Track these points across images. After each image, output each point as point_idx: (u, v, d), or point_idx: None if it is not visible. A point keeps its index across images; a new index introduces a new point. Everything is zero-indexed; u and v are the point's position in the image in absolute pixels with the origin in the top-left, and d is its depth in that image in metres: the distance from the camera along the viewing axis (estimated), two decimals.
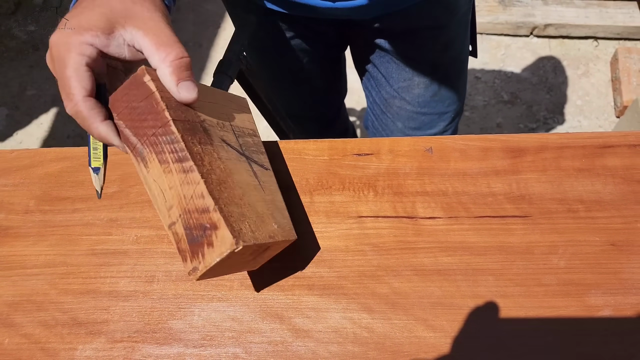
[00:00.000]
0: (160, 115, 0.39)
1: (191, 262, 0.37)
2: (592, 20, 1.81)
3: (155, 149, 0.39)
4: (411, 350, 0.42)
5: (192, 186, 0.38)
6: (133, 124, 0.40)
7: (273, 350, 0.43)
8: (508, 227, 0.47)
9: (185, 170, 0.38)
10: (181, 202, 0.38)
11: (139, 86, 0.40)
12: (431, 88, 0.83)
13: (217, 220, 0.37)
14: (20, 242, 0.49)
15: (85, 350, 0.43)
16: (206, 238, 0.37)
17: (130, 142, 0.40)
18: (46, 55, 0.41)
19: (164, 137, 0.39)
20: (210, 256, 0.37)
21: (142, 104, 0.40)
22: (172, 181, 0.39)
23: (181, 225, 0.38)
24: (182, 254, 0.38)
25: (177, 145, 0.39)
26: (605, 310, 0.43)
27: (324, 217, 0.48)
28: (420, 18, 0.72)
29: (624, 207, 0.48)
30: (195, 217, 0.38)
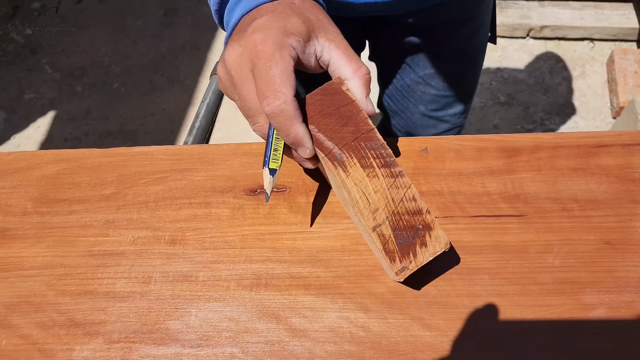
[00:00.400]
0: (363, 122, 0.42)
1: (400, 262, 0.40)
2: (588, 22, 1.82)
3: (357, 154, 0.41)
4: (407, 349, 0.42)
5: (402, 190, 0.41)
6: (327, 128, 0.42)
7: (270, 350, 0.43)
8: (503, 226, 0.47)
9: (394, 175, 0.41)
10: (389, 204, 0.41)
11: (335, 94, 0.42)
12: (456, 73, 0.85)
13: (431, 221, 0.40)
14: (17, 244, 0.49)
15: (82, 351, 0.43)
16: (419, 238, 0.40)
17: (324, 147, 0.42)
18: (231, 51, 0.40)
19: (368, 143, 0.41)
20: (423, 255, 0.40)
21: (341, 111, 0.42)
22: (379, 185, 0.41)
23: (389, 227, 0.40)
24: (389, 254, 0.40)
25: (383, 151, 0.41)
26: (600, 309, 0.43)
27: (321, 218, 0.49)
28: (450, 11, 0.73)
29: (618, 206, 0.48)
30: (406, 219, 0.40)
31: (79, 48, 1.99)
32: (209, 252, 0.47)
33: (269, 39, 0.39)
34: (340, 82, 0.42)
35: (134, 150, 0.54)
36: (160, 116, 1.82)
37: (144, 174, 0.52)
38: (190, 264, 0.47)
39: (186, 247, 0.48)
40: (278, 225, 0.48)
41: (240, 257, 0.47)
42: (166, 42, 2.00)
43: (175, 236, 0.48)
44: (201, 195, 0.50)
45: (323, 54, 0.42)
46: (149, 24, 2.05)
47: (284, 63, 0.38)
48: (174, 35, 2.02)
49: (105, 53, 1.97)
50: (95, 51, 1.98)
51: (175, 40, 2.00)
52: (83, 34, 2.02)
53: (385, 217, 0.40)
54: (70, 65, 1.94)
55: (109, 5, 2.09)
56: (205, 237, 0.48)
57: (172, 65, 1.93)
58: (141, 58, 1.96)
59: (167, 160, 0.53)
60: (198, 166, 0.52)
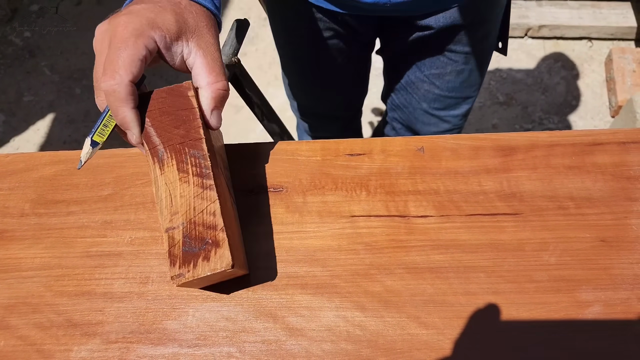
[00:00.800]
0: (195, 130, 0.43)
1: (179, 268, 0.40)
2: (585, 21, 1.82)
3: (178, 157, 0.42)
4: (404, 348, 0.42)
5: (206, 202, 0.41)
6: (160, 126, 0.43)
7: (267, 350, 0.43)
8: (499, 224, 0.47)
9: (204, 186, 0.41)
10: (189, 212, 0.41)
11: (180, 96, 0.44)
12: (462, 75, 0.86)
13: (222, 240, 0.40)
14: (15, 245, 0.49)
15: (80, 352, 0.44)
16: (204, 252, 0.40)
17: (151, 141, 0.43)
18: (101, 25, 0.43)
19: (192, 150, 0.42)
20: (202, 269, 0.39)
21: (179, 114, 0.43)
22: (186, 191, 0.41)
23: (181, 233, 0.40)
24: (171, 258, 0.40)
25: (203, 161, 0.42)
26: (595, 306, 0.43)
27: (317, 217, 0.49)
28: (466, 14, 0.74)
29: (614, 203, 0.48)
30: (199, 230, 0.40)
31: (77, 50, 1.99)
32: None
33: (131, 24, 0.40)
34: (188, 87, 0.44)
35: (131, 151, 0.54)
36: None
37: (141, 174, 0.52)
38: None
39: None
40: (275, 224, 0.49)
41: None
42: None
43: None
44: None
45: (189, 57, 0.43)
46: None
47: (134, 49, 0.40)
48: None
49: None
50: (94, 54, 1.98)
51: None
52: (82, 36, 2.02)
53: (181, 222, 0.41)
54: (69, 68, 1.94)
55: (108, 8, 2.09)
56: None
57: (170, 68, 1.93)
58: None
59: None
60: None
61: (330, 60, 0.86)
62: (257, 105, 0.77)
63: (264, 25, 2.04)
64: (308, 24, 0.79)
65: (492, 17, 0.79)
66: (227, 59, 0.68)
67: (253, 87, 0.77)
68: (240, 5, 2.11)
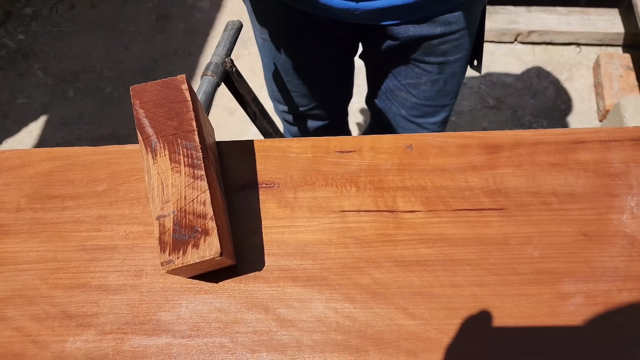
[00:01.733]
0: (188, 122, 0.45)
1: (169, 254, 0.41)
2: (574, 27, 1.85)
3: (170, 148, 0.44)
4: (392, 338, 0.44)
5: (197, 192, 0.42)
6: (154, 117, 0.45)
7: (259, 340, 0.44)
8: (485, 219, 0.49)
9: (195, 176, 0.43)
10: (180, 201, 0.42)
11: (174, 89, 0.46)
12: (437, 85, 0.87)
13: (211, 228, 0.41)
14: (11, 239, 0.50)
15: (75, 342, 0.44)
16: (194, 240, 0.41)
17: (144, 132, 0.45)
18: None
19: (184, 141, 0.44)
20: (192, 256, 0.41)
21: (172, 106, 0.45)
22: (178, 180, 0.43)
23: (171, 220, 0.42)
24: (162, 244, 0.41)
25: (194, 152, 0.44)
26: (577, 297, 0.45)
27: (308, 212, 0.50)
28: (434, 26, 0.75)
29: (596, 199, 0.50)
30: (190, 219, 0.42)
31: (71, 53, 1.99)
32: None
33: None
34: (182, 81, 0.46)
35: (125, 148, 0.55)
36: None
37: (135, 170, 0.53)
38: None
39: None
40: (266, 219, 0.50)
41: None
42: (158, 47, 2.01)
43: None
44: None
45: None
46: (141, 30, 2.06)
47: None
48: (166, 40, 2.03)
49: (97, 58, 1.98)
50: (87, 56, 1.99)
51: (168, 45, 2.01)
52: (75, 39, 2.03)
53: (172, 210, 0.42)
54: (62, 70, 1.94)
55: (102, 11, 2.10)
56: None
57: (165, 70, 1.94)
58: (133, 63, 1.97)
59: None
60: None
61: (310, 62, 0.88)
62: (250, 105, 0.78)
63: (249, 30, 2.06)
64: (285, 25, 0.80)
65: (464, 28, 0.80)
66: (220, 59, 0.70)
67: (246, 87, 0.78)
68: (234, 9, 2.12)
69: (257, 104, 0.81)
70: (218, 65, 0.68)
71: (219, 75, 0.68)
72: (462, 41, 0.81)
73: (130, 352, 0.44)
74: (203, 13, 2.11)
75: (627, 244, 0.47)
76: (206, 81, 0.67)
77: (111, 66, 1.96)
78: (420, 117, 0.94)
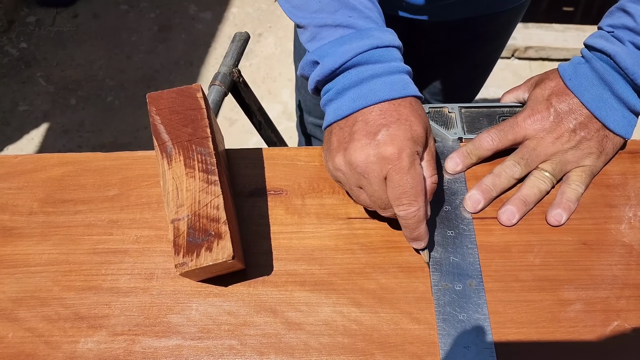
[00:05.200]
0: (202, 129, 0.46)
1: (183, 257, 0.42)
2: (570, 43, 1.88)
3: (185, 153, 0.45)
4: (397, 342, 0.45)
5: (210, 197, 0.44)
6: (170, 124, 0.46)
7: (267, 342, 0.45)
8: (488, 227, 0.50)
9: (208, 181, 0.44)
10: (194, 205, 0.43)
11: (189, 97, 0.47)
12: (467, 79, 0.93)
13: (224, 232, 0.42)
14: (24, 242, 0.51)
15: (87, 343, 0.45)
16: (207, 243, 0.42)
17: (160, 138, 0.46)
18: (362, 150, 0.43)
19: (199, 147, 0.45)
20: (205, 258, 0.42)
21: (187, 113, 0.47)
22: (192, 185, 0.44)
23: (185, 224, 0.43)
24: (176, 247, 0.42)
25: (208, 158, 0.45)
26: (577, 304, 0.46)
27: (315, 219, 0.51)
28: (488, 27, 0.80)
29: (595, 209, 0.51)
30: (203, 223, 0.43)
31: (73, 62, 2.01)
32: None
33: (404, 151, 0.42)
34: (197, 89, 0.48)
35: (136, 154, 0.56)
36: None
37: (146, 176, 0.54)
38: None
39: None
40: (275, 225, 0.51)
41: None
42: (160, 57, 2.03)
43: None
44: None
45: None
46: (144, 40, 2.08)
47: (416, 173, 0.43)
48: (168, 50, 2.05)
49: (99, 67, 2.00)
50: (89, 65, 2.00)
51: (169, 55, 2.03)
52: (78, 48, 2.05)
53: (186, 214, 0.43)
54: (64, 79, 1.96)
55: (104, 21, 2.13)
56: None
57: (166, 80, 1.96)
58: (135, 72, 1.98)
59: None
60: None
61: None
62: (256, 115, 0.80)
63: (258, 41, 2.09)
64: None
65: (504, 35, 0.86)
66: (227, 70, 0.71)
67: (252, 97, 0.80)
68: (235, 21, 2.15)
69: (263, 113, 0.83)
70: (226, 75, 0.70)
71: (227, 85, 0.70)
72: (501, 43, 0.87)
73: (141, 353, 0.45)
74: (205, 24, 2.13)
75: (625, 253, 0.49)
76: (214, 90, 0.69)
77: (113, 75, 1.98)
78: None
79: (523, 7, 0.81)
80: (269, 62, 2.02)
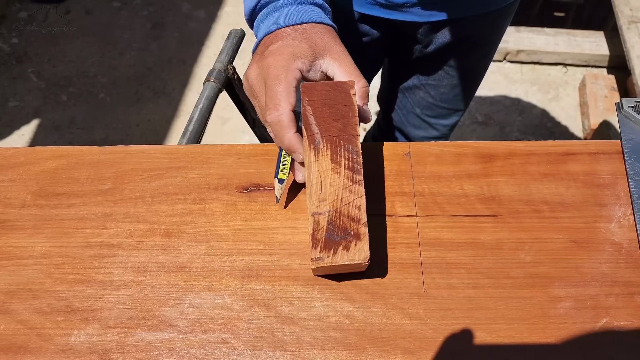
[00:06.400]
0: (352, 126, 0.46)
1: (320, 252, 0.42)
2: (561, 48, 1.90)
3: (332, 148, 0.45)
4: (389, 336, 0.45)
5: (353, 196, 0.44)
6: (321, 116, 0.47)
7: (260, 336, 0.45)
8: (479, 225, 0.51)
9: (353, 180, 0.44)
10: (336, 201, 0.44)
11: (342, 92, 0.47)
12: (457, 89, 0.91)
13: (363, 234, 0.43)
14: (16, 234, 0.51)
15: (79, 336, 0.45)
16: (345, 241, 0.42)
17: (310, 129, 0.46)
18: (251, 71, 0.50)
19: (347, 144, 0.45)
20: (341, 257, 0.42)
21: (339, 108, 0.47)
22: (336, 181, 0.44)
23: (326, 219, 0.43)
24: (314, 241, 0.43)
25: (355, 157, 0.45)
26: (567, 301, 0.47)
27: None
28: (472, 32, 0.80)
29: (585, 208, 0.52)
30: (343, 221, 0.43)
31: (65, 58, 2.00)
32: (202, 244, 0.50)
33: (278, 62, 0.48)
34: (351, 85, 0.48)
35: (131, 149, 0.56)
36: (145, 127, 1.83)
37: (140, 170, 0.54)
38: (184, 255, 0.49)
39: (181, 240, 0.50)
40: (269, 220, 0.51)
41: (232, 250, 0.49)
42: (153, 55, 2.02)
43: (171, 229, 0.51)
44: (196, 192, 0.53)
45: (328, 70, 0.51)
46: (136, 37, 2.07)
47: (287, 82, 0.47)
48: (161, 48, 2.04)
49: (91, 64, 1.99)
50: (81, 61, 1.99)
51: (162, 53, 2.03)
52: (70, 45, 2.03)
53: (328, 209, 0.44)
54: (56, 75, 1.95)
55: (97, 18, 2.11)
56: (199, 230, 0.51)
57: (158, 78, 1.95)
58: (127, 70, 1.98)
59: (163, 159, 0.55)
60: (193, 164, 0.55)
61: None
62: (249, 112, 0.80)
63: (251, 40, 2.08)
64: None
65: (494, 39, 0.85)
66: (222, 66, 0.71)
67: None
68: (229, 20, 2.15)
69: None
70: (220, 72, 0.70)
71: (221, 81, 0.70)
72: (490, 49, 0.86)
73: (133, 346, 0.45)
74: (198, 23, 2.13)
75: (614, 251, 0.49)
76: (209, 87, 0.69)
77: (105, 72, 1.96)
78: (434, 117, 0.97)
79: (510, 10, 0.82)
80: None
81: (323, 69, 0.50)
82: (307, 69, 0.49)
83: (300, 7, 0.52)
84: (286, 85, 0.47)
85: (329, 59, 0.50)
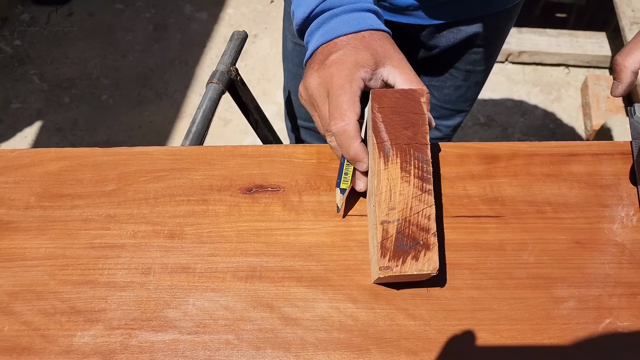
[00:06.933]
0: (422, 135, 0.46)
1: (389, 260, 0.42)
2: (563, 49, 1.90)
3: (402, 157, 0.45)
4: (393, 337, 0.45)
5: (423, 205, 0.43)
6: (391, 123, 0.46)
7: (263, 337, 0.45)
8: (482, 226, 0.51)
9: (422, 189, 0.44)
10: (405, 210, 0.43)
11: (412, 100, 0.47)
12: (459, 91, 0.92)
13: (433, 244, 0.42)
14: (20, 236, 0.51)
15: (83, 337, 0.45)
16: (414, 250, 0.42)
17: (379, 136, 0.46)
18: (311, 80, 0.50)
19: (417, 152, 0.45)
20: (410, 267, 0.42)
21: (409, 116, 0.46)
22: (406, 190, 0.44)
23: (395, 228, 0.43)
24: (383, 249, 0.42)
25: (425, 165, 0.45)
26: (570, 301, 0.47)
27: (312, 216, 0.51)
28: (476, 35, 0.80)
29: (588, 209, 0.52)
30: (413, 230, 0.43)
31: (67, 60, 2.00)
32: (206, 245, 0.50)
33: (342, 72, 0.47)
34: (421, 93, 0.48)
35: (134, 150, 0.56)
36: (148, 129, 1.84)
37: (144, 172, 0.54)
38: (188, 256, 0.49)
39: (184, 241, 0.50)
40: (272, 222, 0.51)
41: (236, 251, 0.49)
42: (155, 56, 2.03)
43: (174, 230, 0.51)
44: (199, 193, 0.53)
45: (389, 78, 0.50)
46: (139, 39, 2.08)
47: (351, 92, 0.47)
48: (163, 50, 2.05)
49: (94, 65, 1.99)
50: (84, 63, 2.00)
51: (165, 55, 2.03)
52: (72, 46, 2.04)
53: (397, 218, 0.43)
54: (58, 77, 1.95)
55: (99, 19, 2.12)
56: (202, 231, 0.51)
57: (161, 80, 1.96)
58: (130, 71, 1.98)
59: (167, 160, 0.55)
60: (196, 166, 0.55)
61: None
62: (253, 113, 0.80)
63: (253, 42, 2.09)
64: None
65: (497, 41, 0.85)
66: (225, 68, 0.71)
67: (249, 95, 0.80)
68: (231, 22, 2.15)
69: (260, 112, 0.83)
70: (223, 74, 0.70)
71: (224, 83, 0.70)
72: (493, 51, 0.86)
73: (137, 347, 0.45)
74: (200, 24, 2.13)
75: (617, 252, 0.49)
76: (212, 88, 0.69)
77: (107, 74, 1.97)
78: (437, 118, 0.97)
79: (513, 12, 0.82)
80: (264, 63, 2.03)
81: (384, 77, 0.50)
82: (369, 77, 0.49)
83: (357, 15, 0.51)
84: (351, 95, 0.46)
85: (390, 66, 0.50)
